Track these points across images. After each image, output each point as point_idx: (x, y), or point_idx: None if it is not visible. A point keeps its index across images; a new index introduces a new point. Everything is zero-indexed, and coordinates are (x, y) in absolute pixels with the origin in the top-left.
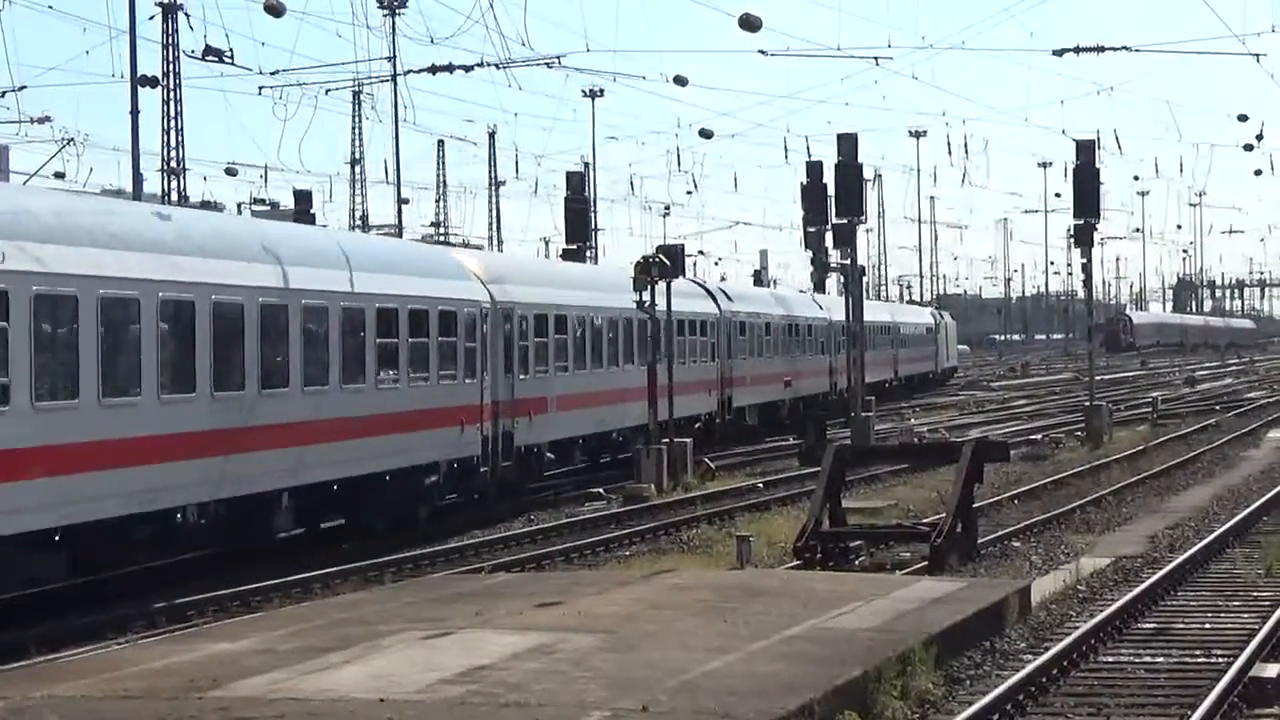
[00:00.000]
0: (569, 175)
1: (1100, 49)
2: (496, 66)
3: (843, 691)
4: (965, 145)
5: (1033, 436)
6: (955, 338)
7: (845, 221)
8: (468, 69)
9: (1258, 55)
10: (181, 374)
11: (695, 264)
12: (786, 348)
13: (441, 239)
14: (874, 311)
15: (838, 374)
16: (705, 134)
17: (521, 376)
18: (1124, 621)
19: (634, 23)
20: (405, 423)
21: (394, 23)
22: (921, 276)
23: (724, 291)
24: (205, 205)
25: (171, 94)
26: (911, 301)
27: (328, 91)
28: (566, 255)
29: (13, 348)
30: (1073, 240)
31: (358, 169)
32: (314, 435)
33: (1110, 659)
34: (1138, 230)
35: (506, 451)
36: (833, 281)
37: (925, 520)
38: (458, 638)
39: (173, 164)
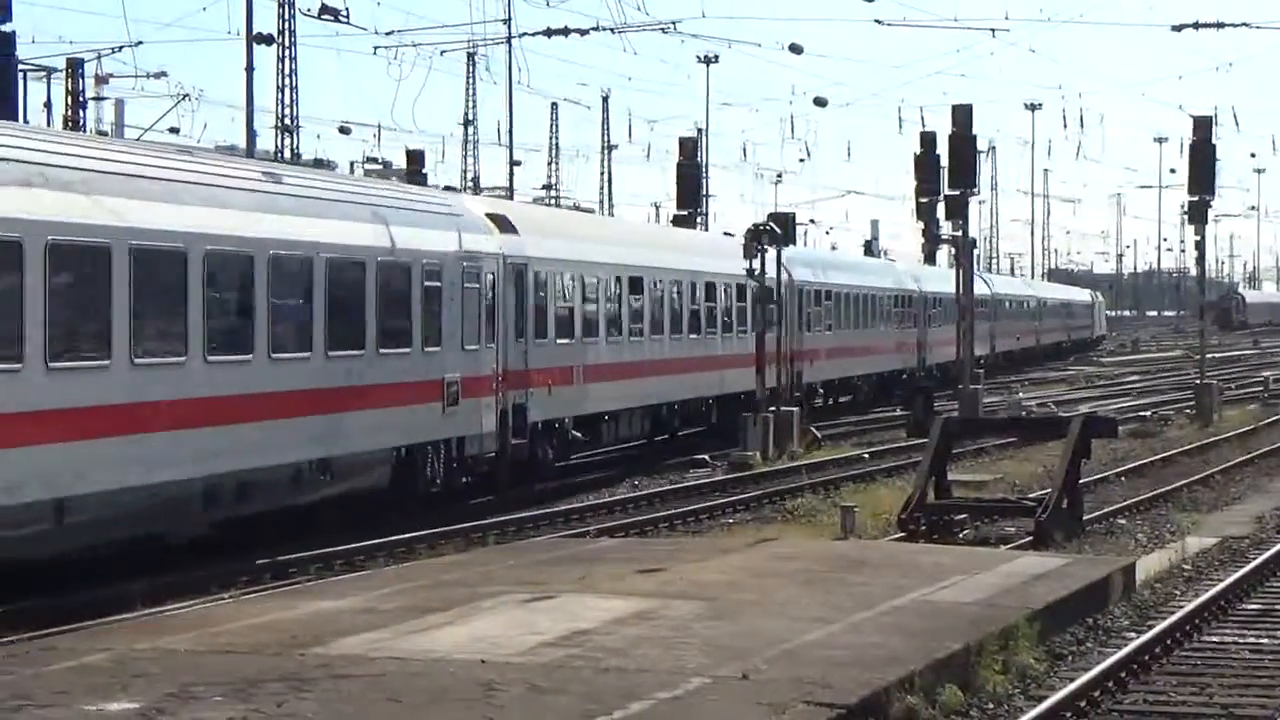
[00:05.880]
0: (682, 140)
1: (1220, 25)
2: (612, 30)
3: (944, 665)
4: (1081, 119)
5: (1141, 413)
6: (1104, 312)
7: (958, 193)
8: (583, 32)
9: None
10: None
11: (806, 233)
12: (1024, 316)
13: (552, 203)
14: (1053, 291)
15: (1040, 334)
16: (819, 102)
17: None
18: (1229, 601)
19: None
20: None
21: None
22: (1033, 250)
23: (988, 280)
24: (318, 163)
25: (286, 51)
26: (1065, 279)
27: (443, 53)
28: (677, 221)
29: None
30: (1187, 217)
31: (470, 130)
32: None
33: (1214, 639)
34: (1253, 208)
35: None
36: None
37: (1031, 495)
38: (559, 601)
39: (286, 121)
